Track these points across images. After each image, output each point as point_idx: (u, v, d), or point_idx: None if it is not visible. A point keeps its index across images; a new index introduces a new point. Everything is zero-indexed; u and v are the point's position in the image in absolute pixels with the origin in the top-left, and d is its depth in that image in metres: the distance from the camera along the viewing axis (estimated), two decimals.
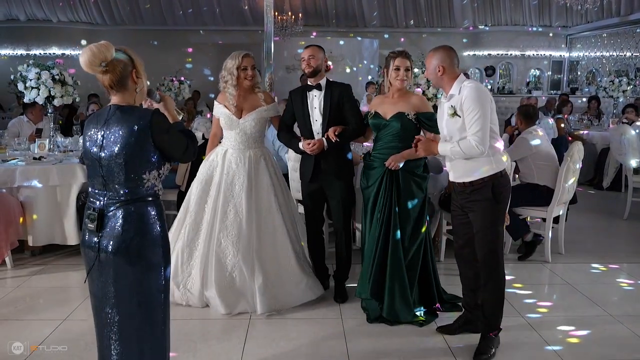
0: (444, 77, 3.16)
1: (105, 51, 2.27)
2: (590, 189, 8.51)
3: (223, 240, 3.85)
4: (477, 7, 14.48)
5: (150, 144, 2.26)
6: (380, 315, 3.70)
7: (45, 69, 5.36)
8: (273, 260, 3.88)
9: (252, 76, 3.91)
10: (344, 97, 3.87)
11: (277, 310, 3.80)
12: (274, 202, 3.95)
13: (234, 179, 3.92)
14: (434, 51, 3.24)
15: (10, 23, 14.22)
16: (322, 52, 3.96)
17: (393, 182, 3.65)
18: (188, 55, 14.62)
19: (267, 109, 4.02)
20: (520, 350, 3.36)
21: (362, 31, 14.92)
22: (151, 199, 2.34)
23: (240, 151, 3.97)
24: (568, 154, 4.91)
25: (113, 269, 2.26)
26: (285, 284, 3.88)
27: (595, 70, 14.20)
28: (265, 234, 3.90)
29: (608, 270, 4.85)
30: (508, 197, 3.29)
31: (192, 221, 3.94)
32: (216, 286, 3.80)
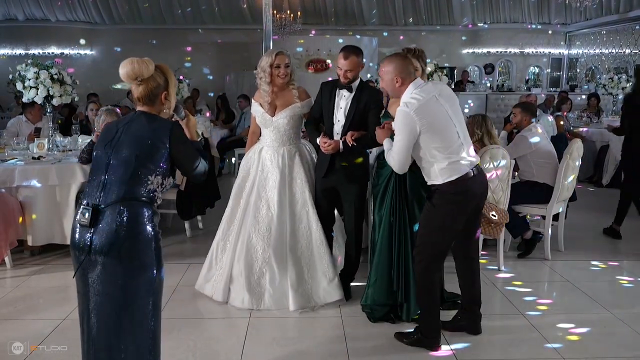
0: (401, 88, 3.17)
1: (145, 68, 2.38)
2: (589, 187, 8.51)
3: (254, 235, 3.88)
4: (476, 5, 14.47)
5: (166, 150, 2.36)
6: (384, 316, 3.69)
7: (44, 68, 5.35)
8: (307, 257, 3.88)
9: (285, 74, 3.91)
10: (371, 104, 3.79)
11: (311, 307, 3.81)
12: (308, 198, 3.95)
13: (268, 176, 3.96)
14: (389, 60, 3.22)
15: (8, 23, 14.20)
16: (361, 57, 3.83)
17: (401, 181, 3.64)
18: (187, 54, 14.60)
19: (301, 106, 4.00)
20: (520, 348, 3.36)
21: (361, 29, 14.90)
22: (148, 201, 2.36)
23: (274, 149, 4.00)
24: (567, 152, 4.90)
25: (103, 267, 2.26)
26: (320, 280, 3.87)
27: (594, 68, 14.19)
28: (300, 230, 3.90)
29: (608, 268, 4.85)
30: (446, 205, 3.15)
31: (228, 216, 4.05)
32: (245, 281, 3.82)
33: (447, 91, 3.21)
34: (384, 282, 3.68)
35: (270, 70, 3.90)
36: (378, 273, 3.70)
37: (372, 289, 3.73)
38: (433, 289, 3.26)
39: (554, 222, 5.18)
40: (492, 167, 4.45)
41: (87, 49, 14.74)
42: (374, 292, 3.72)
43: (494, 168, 4.46)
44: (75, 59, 14.32)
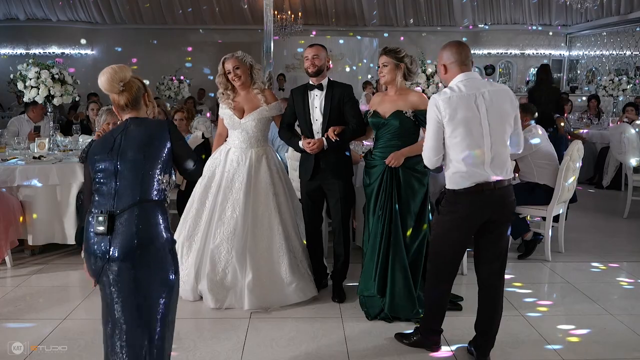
0: (447, 76, 3.04)
1: (125, 71, 2.40)
2: (590, 188, 8.51)
3: (219, 236, 3.90)
4: (476, 6, 14.47)
5: (169, 146, 2.38)
6: (380, 312, 3.71)
7: (45, 68, 5.36)
8: (266, 259, 3.90)
9: (238, 76, 3.96)
10: (344, 97, 3.89)
11: (265, 309, 3.82)
12: (272, 201, 3.97)
13: (234, 177, 3.97)
14: (442, 48, 3.06)
15: (9, 22, 14.22)
16: (325, 52, 3.99)
17: (393, 179, 3.67)
18: (187, 54, 14.61)
19: (268, 109, 4.04)
20: (520, 349, 3.36)
21: (362, 30, 14.92)
22: (161, 200, 2.37)
23: (242, 150, 4.02)
24: (568, 153, 4.91)
25: (123, 272, 2.25)
26: (276, 283, 3.89)
27: (595, 69, 14.19)
28: (260, 233, 3.92)
29: (608, 269, 4.85)
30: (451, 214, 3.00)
31: (193, 216, 4.03)
32: (208, 280, 3.86)
33: (499, 97, 2.92)
34: (367, 273, 3.75)
35: (224, 79, 4.01)
36: (365, 265, 3.78)
37: (360, 280, 3.82)
38: (439, 298, 3.18)
39: (555, 224, 5.18)
40: None
41: (88, 49, 14.74)
42: (361, 284, 3.80)
43: None
44: (76, 58, 14.33)
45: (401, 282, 3.65)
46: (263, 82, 4.15)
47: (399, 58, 3.69)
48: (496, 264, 3.08)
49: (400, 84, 3.73)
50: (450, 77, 2.99)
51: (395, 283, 3.66)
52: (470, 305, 3.80)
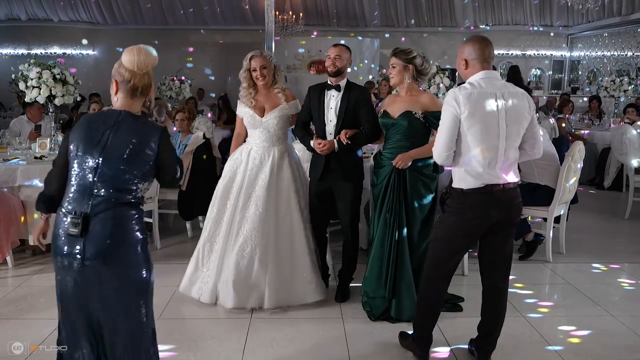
0: (467, 71, 2.93)
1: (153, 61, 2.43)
2: (591, 189, 8.51)
3: (242, 234, 3.87)
4: (477, 7, 14.46)
5: (154, 156, 2.30)
6: (383, 313, 3.70)
7: (47, 68, 5.36)
8: (288, 257, 3.88)
9: (262, 76, 3.94)
10: (360, 101, 3.85)
11: (285, 307, 3.82)
12: (293, 199, 3.96)
13: (257, 175, 3.94)
14: (464, 42, 2.96)
15: (11, 22, 14.23)
16: (349, 53, 3.96)
17: (400, 181, 3.65)
18: (189, 55, 14.62)
19: (288, 107, 4.03)
20: (521, 350, 3.36)
21: (363, 31, 14.91)
22: (136, 203, 2.33)
23: (264, 149, 4.00)
24: (569, 154, 4.90)
25: (97, 274, 2.22)
26: (297, 281, 3.88)
27: (596, 70, 14.18)
28: (283, 230, 3.90)
29: (609, 270, 4.84)
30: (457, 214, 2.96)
31: (214, 216, 4.01)
32: (233, 281, 3.80)
33: (517, 99, 2.86)
34: (375, 275, 3.72)
35: (249, 74, 3.98)
36: (371, 267, 3.75)
37: (366, 282, 3.78)
38: (430, 298, 3.12)
39: (556, 225, 5.17)
40: None
41: (89, 49, 14.75)
42: (366, 285, 3.77)
43: None
44: (78, 58, 14.34)
45: (405, 285, 3.65)
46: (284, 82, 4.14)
47: (408, 59, 3.66)
48: (502, 267, 3.05)
49: (409, 85, 3.69)
50: (471, 73, 2.90)
51: (402, 288, 3.65)
52: (471, 305, 3.81)
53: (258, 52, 4.00)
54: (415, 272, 3.65)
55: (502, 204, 2.90)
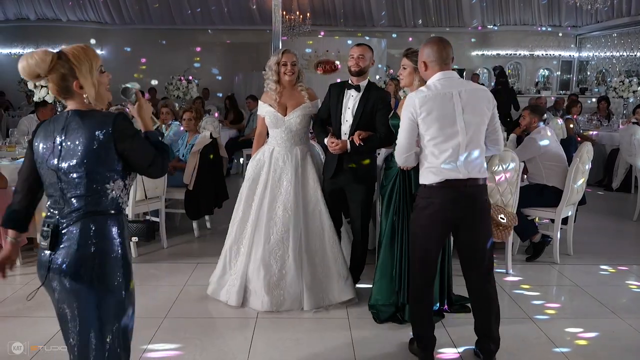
0: (427, 73, 3.03)
1: (38, 64, 2.03)
2: (599, 190, 8.46)
3: (272, 236, 3.84)
4: (485, 7, 14.42)
5: (114, 150, 2.04)
6: (391, 316, 3.69)
7: None
8: (321, 256, 3.87)
9: (292, 72, 3.94)
10: (379, 103, 3.83)
11: (325, 307, 3.81)
12: (320, 197, 3.95)
13: (281, 176, 3.93)
14: (423, 45, 3.07)
15: (20, 22, 14.34)
16: (372, 53, 3.94)
17: (406, 183, 3.63)
18: (196, 55, 14.66)
19: (311, 106, 4.02)
20: (528, 352, 3.35)
21: (370, 31, 14.90)
22: (113, 212, 2.10)
23: (287, 148, 3.99)
24: (577, 155, 4.88)
25: (67, 291, 2.05)
26: (333, 279, 3.87)
27: (605, 71, 14.10)
28: (313, 229, 3.90)
29: (617, 272, 4.81)
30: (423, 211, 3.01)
31: (239, 219, 4.00)
32: (264, 283, 3.78)
33: (474, 96, 2.94)
34: (386, 282, 3.70)
35: (278, 68, 3.94)
36: (381, 272, 3.71)
37: (375, 288, 3.75)
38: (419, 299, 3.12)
39: (563, 226, 5.15)
40: (501, 169, 4.43)
41: (98, 49, 14.80)
42: (376, 292, 3.74)
43: (502, 171, 4.44)
44: None
45: None
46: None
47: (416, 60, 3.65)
48: (482, 267, 3.06)
49: (418, 86, 3.68)
50: (430, 74, 3.00)
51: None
52: None
53: (289, 49, 4.01)
54: None
55: (465, 200, 2.94)
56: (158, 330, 3.53)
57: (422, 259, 3.06)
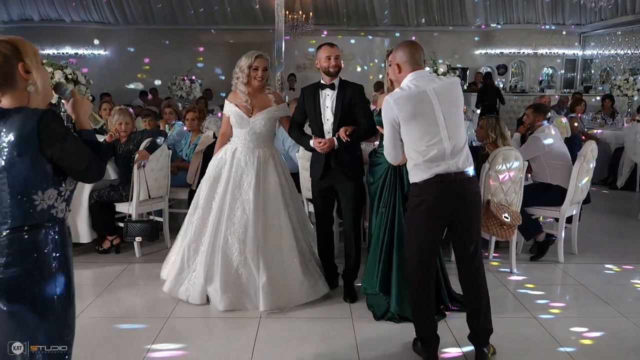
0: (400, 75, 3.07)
1: None
2: (604, 189, 8.43)
3: (230, 237, 3.87)
4: (489, 5, 14.39)
5: (40, 155, 1.80)
6: (386, 311, 3.70)
7: (59, 68, 5.41)
8: (278, 259, 3.89)
9: (262, 77, 3.95)
10: (356, 98, 3.88)
11: (280, 308, 3.82)
12: (281, 202, 3.97)
13: (242, 177, 3.94)
14: (395, 48, 3.16)
15: (24, 23, 14.39)
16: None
17: (397, 178, 3.67)
18: (199, 54, 14.70)
19: (277, 109, 4.04)
20: (532, 352, 3.33)
21: (373, 30, 14.90)
22: (50, 224, 1.89)
23: (249, 150, 4.00)
24: (581, 153, 4.86)
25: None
26: (289, 282, 3.89)
27: (609, 69, 14.06)
28: (272, 233, 3.91)
29: (622, 271, 4.79)
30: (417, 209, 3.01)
31: (199, 218, 3.99)
32: (221, 282, 3.82)
33: (448, 90, 3.00)
34: (369, 270, 3.75)
35: (248, 72, 3.94)
36: (368, 261, 3.79)
37: (363, 277, 3.81)
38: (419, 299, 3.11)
39: (568, 225, 5.12)
40: (504, 168, 4.42)
41: (101, 49, 14.86)
42: (364, 281, 3.80)
43: (506, 170, 4.43)
44: (89, 59, 14.45)
45: (405, 281, 3.64)
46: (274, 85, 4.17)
47: None
48: (468, 245, 3.08)
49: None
50: (403, 76, 3.05)
51: (400, 282, 3.65)
52: None
53: (264, 54, 4.00)
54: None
55: (456, 193, 2.97)
56: (161, 331, 3.54)
57: (421, 260, 3.06)
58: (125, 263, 4.83)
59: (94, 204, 4.95)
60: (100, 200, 4.97)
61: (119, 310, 3.90)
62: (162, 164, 5.15)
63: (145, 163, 4.85)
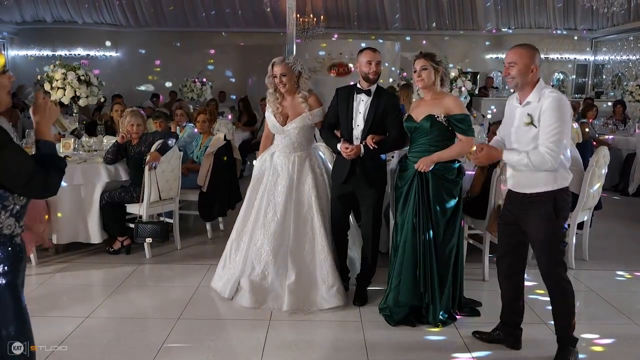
0: (530, 77, 3.02)
1: None
2: (615, 195, 8.37)
3: (260, 237, 3.96)
4: (500, 10, 14.34)
5: None
6: (404, 318, 3.68)
7: (72, 69, 5.45)
8: (309, 261, 3.92)
9: (282, 83, 3.96)
10: (390, 107, 3.84)
11: (305, 311, 3.82)
12: (314, 204, 3.98)
13: (277, 181, 4.03)
14: (531, 49, 3.06)
15: (37, 24, 14.51)
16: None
17: (423, 185, 3.62)
18: (210, 57, 14.74)
19: (310, 117, 4.03)
20: (543, 357, 3.31)
21: (384, 33, 14.88)
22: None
23: (285, 155, 4.06)
24: (593, 159, 4.82)
25: None
26: (318, 285, 3.90)
27: (621, 74, 13.96)
28: (303, 235, 3.95)
29: (633, 278, 4.75)
30: (568, 213, 3.20)
31: (242, 216, 4.15)
32: (249, 281, 3.92)
33: None
34: (409, 284, 3.66)
35: (272, 80, 4.01)
36: (402, 275, 3.67)
37: (396, 291, 3.70)
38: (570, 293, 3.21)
39: (579, 231, 5.09)
40: None
41: (113, 51, 14.95)
42: (397, 294, 3.69)
43: None
44: (101, 60, 14.54)
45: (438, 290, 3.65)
46: (310, 89, 4.10)
47: (437, 62, 3.65)
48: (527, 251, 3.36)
49: (438, 88, 3.67)
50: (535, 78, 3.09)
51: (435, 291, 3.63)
52: (492, 312, 3.78)
53: (280, 59, 3.99)
54: (440, 277, 3.65)
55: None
56: (172, 331, 3.55)
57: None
58: (136, 264, 4.85)
59: (105, 205, 4.98)
60: (111, 201, 5.00)
61: (129, 310, 3.92)
62: (173, 166, 5.17)
63: (156, 165, 4.88)
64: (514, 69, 3.01)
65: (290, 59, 4.03)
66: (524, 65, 3.01)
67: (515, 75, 3.02)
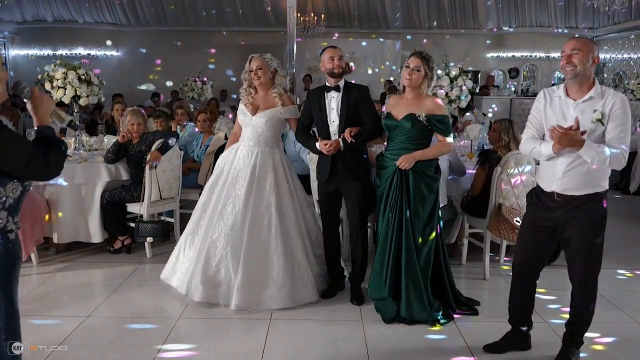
0: (590, 70, 2.93)
1: None
2: (616, 194, 8.35)
3: (217, 231, 3.94)
4: (501, 8, 14.32)
5: None
6: (396, 315, 3.70)
7: (72, 69, 5.44)
8: (260, 259, 3.89)
9: (257, 76, 4.04)
10: (361, 99, 3.91)
11: (250, 310, 3.80)
12: (273, 203, 3.97)
13: (239, 174, 4.02)
14: (592, 41, 3.06)
15: (37, 24, 14.52)
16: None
17: (403, 182, 3.67)
18: (211, 56, 14.74)
19: (282, 111, 4.07)
20: (543, 357, 3.31)
21: (385, 32, 14.87)
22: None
23: (249, 148, 4.07)
24: None
25: None
26: (267, 285, 3.87)
27: (622, 73, 13.94)
28: (257, 233, 3.92)
29: (634, 277, 4.75)
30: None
31: (199, 210, 4.11)
32: (201, 274, 3.88)
33: None
34: (376, 274, 3.73)
35: (249, 75, 4.10)
36: (374, 266, 3.77)
37: (370, 281, 3.80)
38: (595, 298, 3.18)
39: None
40: (517, 172, 4.40)
41: (113, 50, 14.96)
42: (370, 285, 3.79)
43: (518, 173, 4.41)
44: (102, 59, 14.54)
45: (412, 285, 3.65)
46: (285, 88, 4.16)
47: (430, 67, 3.70)
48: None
49: (423, 91, 3.73)
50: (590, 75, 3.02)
51: (408, 286, 3.65)
52: (492, 312, 3.77)
53: (258, 55, 4.11)
54: (422, 272, 3.67)
55: None
56: (172, 331, 3.55)
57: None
58: (136, 263, 4.85)
59: (106, 204, 4.98)
60: (112, 201, 5.00)
61: (129, 310, 3.92)
62: (174, 165, 5.17)
63: (157, 164, 4.88)
64: (577, 57, 2.89)
65: (267, 55, 4.12)
66: (587, 54, 2.90)
67: (577, 64, 2.89)
